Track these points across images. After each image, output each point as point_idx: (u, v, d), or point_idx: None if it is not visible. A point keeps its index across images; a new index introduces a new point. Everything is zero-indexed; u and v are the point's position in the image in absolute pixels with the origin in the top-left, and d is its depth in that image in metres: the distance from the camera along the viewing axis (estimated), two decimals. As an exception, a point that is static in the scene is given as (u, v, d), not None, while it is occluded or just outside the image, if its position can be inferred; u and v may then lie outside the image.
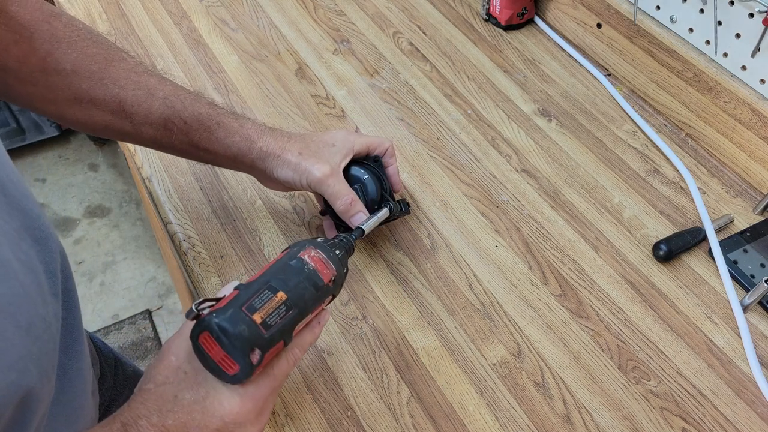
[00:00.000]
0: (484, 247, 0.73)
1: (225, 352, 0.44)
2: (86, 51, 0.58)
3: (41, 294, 0.39)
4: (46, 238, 0.42)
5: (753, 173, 0.79)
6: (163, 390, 0.46)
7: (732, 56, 0.78)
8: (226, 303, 0.46)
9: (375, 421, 0.59)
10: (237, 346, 0.44)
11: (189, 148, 0.64)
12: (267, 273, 0.49)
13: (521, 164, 0.81)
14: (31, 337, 0.37)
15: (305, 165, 0.63)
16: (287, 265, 0.50)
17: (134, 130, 0.62)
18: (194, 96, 0.63)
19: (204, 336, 0.45)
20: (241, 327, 0.44)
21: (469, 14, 1.02)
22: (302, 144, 0.64)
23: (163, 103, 0.60)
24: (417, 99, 0.89)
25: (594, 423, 0.60)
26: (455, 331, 0.65)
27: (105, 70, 0.59)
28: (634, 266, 0.72)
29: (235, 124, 0.63)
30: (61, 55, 0.57)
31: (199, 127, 0.62)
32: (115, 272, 1.94)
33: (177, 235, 0.73)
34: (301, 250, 0.51)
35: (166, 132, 0.62)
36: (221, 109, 0.64)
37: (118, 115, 0.60)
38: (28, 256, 0.39)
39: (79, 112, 0.60)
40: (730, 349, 0.65)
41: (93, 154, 2.25)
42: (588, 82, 0.93)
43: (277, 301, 0.47)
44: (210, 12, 1.01)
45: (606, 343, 0.65)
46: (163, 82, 0.61)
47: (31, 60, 0.56)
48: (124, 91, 0.59)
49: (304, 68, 0.92)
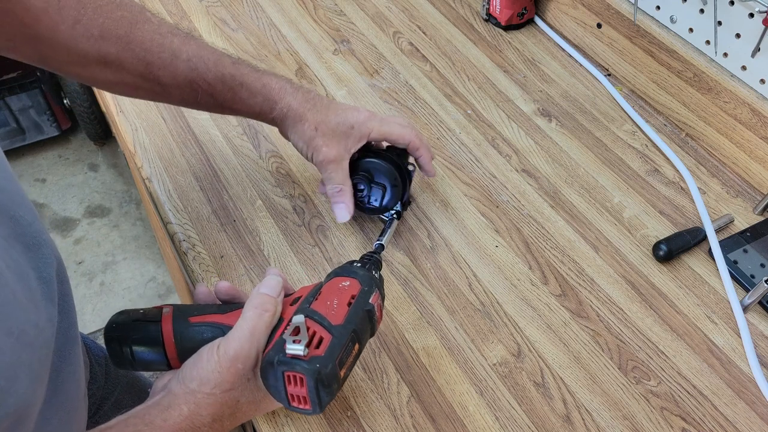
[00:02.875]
0: (484, 247, 0.73)
1: (307, 395, 0.47)
2: (111, 15, 0.59)
3: (33, 300, 0.39)
4: (39, 245, 0.43)
5: (753, 173, 0.79)
6: (228, 396, 0.49)
7: (732, 56, 0.78)
8: (326, 350, 0.48)
9: (375, 421, 0.59)
10: (322, 396, 0.47)
11: (215, 107, 0.66)
12: (350, 316, 0.51)
13: (521, 164, 0.81)
14: (22, 344, 0.37)
15: (316, 143, 0.66)
16: (363, 312, 0.52)
17: (163, 91, 0.64)
18: (218, 56, 0.64)
19: (293, 375, 0.47)
20: (334, 384, 0.48)
21: (469, 14, 1.02)
22: (322, 117, 0.66)
23: (187, 65, 0.62)
24: (417, 99, 0.89)
25: (594, 423, 0.60)
26: (455, 331, 0.65)
27: (131, 33, 0.60)
28: (634, 266, 0.72)
29: (258, 84, 0.65)
30: (88, 21, 0.58)
31: (223, 87, 0.64)
32: (115, 272, 1.94)
33: (177, 235, 0.73)
34: (371, 293, 0.53)
35: (192, 93, 0.64)
36: (245, 67, 0.65)
37: (146, 77, 0.62)
38: (18, 263, 0.39)
39: (110, 75, 0.62)
40: (730, 349, 0.65)
41: (93, 154, 2.25)
42: (588, 82, 0.93)
43: (354, 354, 0.51)
44: (210, 12, 1.01)
45: (606, 343, 0.65)
46: (187, 41, 0.62)
47: (61, 28, 0.57)
48: (150, 54, 0.61)
49: (304, 68, 0.92)
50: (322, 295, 0.52)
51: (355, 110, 0.68)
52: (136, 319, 0.54)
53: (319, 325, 0.49)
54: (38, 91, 2.08)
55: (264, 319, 0.50)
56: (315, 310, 0.50)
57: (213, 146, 0.81)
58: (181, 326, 0.53)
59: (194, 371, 0.49)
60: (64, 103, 2.12)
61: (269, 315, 0.50)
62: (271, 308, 0.51)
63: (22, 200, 0.44)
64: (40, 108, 2.10)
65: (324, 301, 0.52)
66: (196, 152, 0.81)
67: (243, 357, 0.48)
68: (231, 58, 0.65)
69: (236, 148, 0.81)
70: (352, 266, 0.56)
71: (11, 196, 0.43)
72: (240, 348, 0.48)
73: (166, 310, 0.54)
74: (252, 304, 0.51)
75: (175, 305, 0.56)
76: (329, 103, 0.67)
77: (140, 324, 0.54)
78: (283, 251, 0.71)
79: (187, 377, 0.49)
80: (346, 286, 0.53)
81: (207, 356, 0.49)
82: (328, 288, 0.53)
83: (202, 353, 0.50)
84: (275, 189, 0.77)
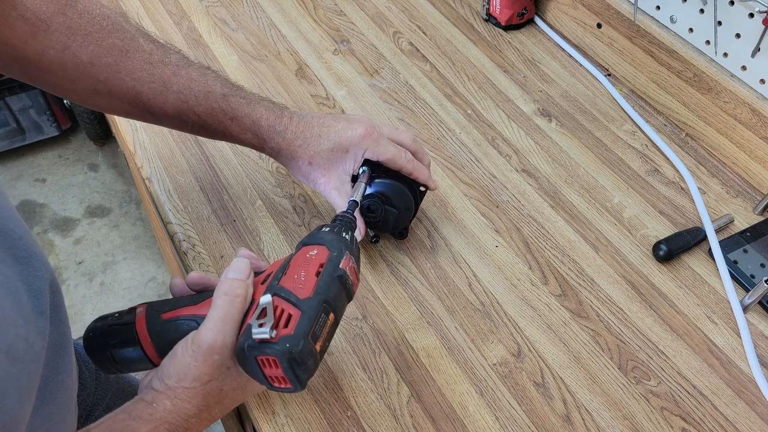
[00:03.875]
0: (484, 247, 0.73)
1: (284, 375, 0.46)
2: (102, 42, 0.58)
3: (22, 314, 0.39)
4: (29, 257, 0.42)
5: (753, 173, 0.79)
6: (210, 387, 0.48)
7: (732, 56, 0.78)
8: (294, 328, 0.46)
9: (375, 421, 0.59)
10: (299, 373, 0.46)
11: (207, 135, 0.66)
12: (320, 287, 0.49)
13: (521, 164, 0.81)
14: (11, 359, 0.36)
15: (314, 176, 0.66)
16: (333, 279, 0.50)
17: (154, 119, 0.64)
18: (209, 87, 0.63)
19: (266, 359, 0.46)
20: (309, 360, 0.46)
21: (469, 14, 1.02)
22: (315, 149, 0.65)
23: (177, 97, 0.62)
24: (417, 99, 0.89)
25: (594, 423, 0.60)
26: (455, 331, 0.65)
27: (121, 62, 0.59)
28: (634, 266, 0.72)
29: (248, 120, 0.64)
30: (78, 48, 0.57)
31: (213, 121, 0.64)
32: (115, 272, 1.94)
33: (177, 235, 0.73)
34: (341, 258, 0.51)
35: (183, 123, 0.64)
36: (236, 99, 0.64)
37: (136, 105, 0.62)
38: (6, 277, 0.39)
39: (100, 100, 0.62)
40: (730, 349, 0.65)
41: (93, 154, 2.25)
42: (588, 82, 0.93)
43: (330, 324, 0.49)
44: (210, 12, 1.01)
45: (606, 343, 0.65)
46: (178, 72, 0.62)
47: (50, 53, 0.57)
48: (140, 84, 0.60)
49: (304, 68, 0.92)
50: (290, 268, 0.50)
51: (350, 127, 0.65)
52: (111, 324, 0.54)
53: (286, 301, 0.47)
54: (38, 91, 2.08)
55: (235, 305, 0.48)
56: (282, 286, 0.49)
57: (213, 146, 0.81)
58: (155, 324, 0.53)
59: (171, 368, 0.48)
60: (64, 103, 2.12)
61: (240, 300, 0.49)
62: (241, 292, 0.49)
63: (12, 214, 0.44)
64: (40, 108, 2.10)
65: (291, 275, 0.50)
66: (196, 152, 0.81)
67: (218, 347, 0.47)
68: (223, 89, 0.63)
69: (236, 148, 0.81)
70: (320, 232, 0.54)
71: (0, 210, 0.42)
72: (213, 339, 0.47)
73: (139, 310, 0.54)
74: (221, 290, 0.49)
75: (148, 303, 0.55)
76: (321, 126, 0.65)
77: (116, 328, 0.54)
78: (283, 251, 0.71)
79: (165, 374, 0.49)
80: (313, 255, 0.51)
81: (182, 351, 0.48)
82: (296, 260, 0.51)
83: (176, 350, 0.49)
84: (275, 189, 0.77)
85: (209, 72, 0.64)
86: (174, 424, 0.48)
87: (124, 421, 0.47)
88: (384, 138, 0.66)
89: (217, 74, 0.64)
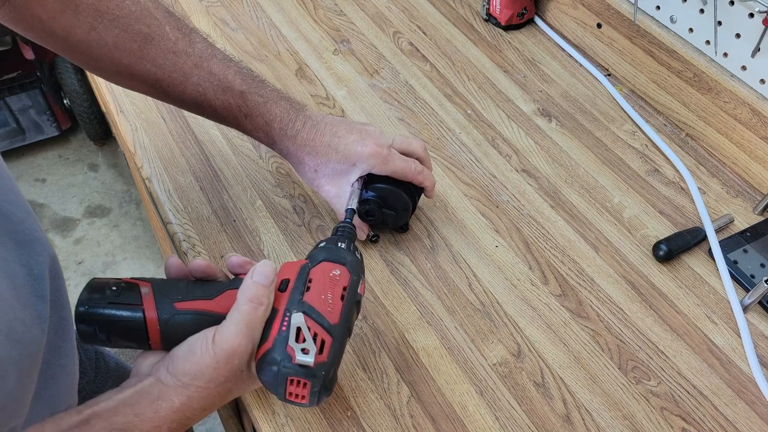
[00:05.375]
0: (484, 247, 0.73)
1: (308, 395, 0.48)
2: (128, 28, 0.59)
3: (20, 297, 0.39)
4: (31, 242, 0.43)
5: (753, 173, 0.79)
6: (222, 388, 0.49)
7: (732, 56, 0.78)
8: (328, 355, 0.49)
9: (375, 421, 0.59)
10: (322, 396, 0.49)
11: (221, 123, 0.68)
12: (344, 314, 0.51)
13: (521, 164, 0.81)
14: (11, 340, 0.37)
15: (318, 182, 0.68)
16: (354, 305, 0.52)
17: (173, 102, 0.66)
18: (227, 84, 0.64)
19: (298, 380, 0.48)
20: (334, 384, 0.50)
21: (469, 14, 1.02)
22: (322, 158, 0.66)
23: (196, 89, 0.63)
24: (417, 99, 0.89)
25: (594, 423, 0.60)
26: (455, 331, 0.65)
27: (144, 48, 0.60)
28: (634, 266, 0.72)
29: (261, 120, 0.65)
30: (104, 30, 0.59)
31: (228, 115, 0.65)
32: (115, 272, 1.94)
33: (177, 235, 0.73)
34: (359, 283, 0.53)
35: (200, 111, 0.66)
36: (253, 98, 0.65)
37: (156, 89, 0.64)
38: (5, 261, 0.39)
39: (121, 81, 0.64)
40: (730, 349, 0.65)
41: (93, 154, 2.25)
42: (588, 82, 0.93)
43: (345, 348, 0.52)
44: (210, 12, 1.01)
45: (606, 343, 0.65)
46: (200, 65, 0.63)
47: (76, 32, 0.58)
48: (161, 71, 0.62)
49: (304, 68, 0.92)
50: (313, 284, 0.51)
51: (361, 142, 0.65)
52: (111, 301, 0.49)
53: (320, 326, 0.49)
54: (38, 91, 2.08)
55: (259, 313, 0.49)
56: (312, 306, 0.49)
57: (213, 146, 0.81)
58: (167, 313, 0.50)
59: (187, 365, 0.48)
60: (64, 103, 2.12)
61: (264, 308, 0.49)
62: (265, 301, 0.49)
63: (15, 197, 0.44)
64: (40, 108, 2.10)
65: (318, 293, 0.50)
66: (196, 152, 0.81)
67: (240, 353, 0.48)
68: (242, 85, 0.64)
69: (236, 148, 0.81)
70: (339, 249, 0.54)
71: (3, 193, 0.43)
72: (238, 344, 0.48)
73: (145, 291, 0.50)
74: (247, 296, 0.49)
75: (152, 282, 0.52)
76: (332, 136, 0.65)
77: (118, 307, 0.49)
78: (283, 251, 0.71)
79: (180, 371, 0.48)
80: (337, 276, 0.52)
81: (201, 350, 0.48)
82: (319, 276, 0.51)
83: (194, 347, 0.48)
84: (275, 189, 0.77)
85: (231, 64, 0.65)
86: (177, 421, 0.48)
87: (126, 416, 0.46)
88: (393, 156, 0.66)
89: (239, 67, 0.65)
